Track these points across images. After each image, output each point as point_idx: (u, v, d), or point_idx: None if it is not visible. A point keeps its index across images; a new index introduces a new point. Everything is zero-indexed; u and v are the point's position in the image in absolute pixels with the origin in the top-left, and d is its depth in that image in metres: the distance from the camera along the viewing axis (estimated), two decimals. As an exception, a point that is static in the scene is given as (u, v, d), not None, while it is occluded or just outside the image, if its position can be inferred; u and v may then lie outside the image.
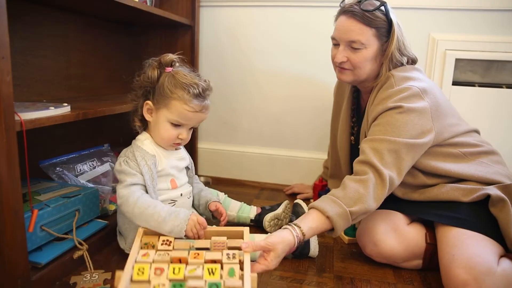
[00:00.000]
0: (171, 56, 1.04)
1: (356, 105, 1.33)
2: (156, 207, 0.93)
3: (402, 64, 1.14)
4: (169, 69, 1.03)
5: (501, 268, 0.90)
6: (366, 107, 1.17)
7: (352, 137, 1.32)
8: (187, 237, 0.92)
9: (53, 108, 0.95)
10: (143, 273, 0.78)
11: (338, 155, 1.39)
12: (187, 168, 1.17)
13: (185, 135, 1.05)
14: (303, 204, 1.30)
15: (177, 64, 1.05)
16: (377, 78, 1.15)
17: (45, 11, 1.29)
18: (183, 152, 1.16)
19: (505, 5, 1.54)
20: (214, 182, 1.87)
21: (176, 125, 1.03)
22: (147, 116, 1.06)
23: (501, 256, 0.95)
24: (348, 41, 1.11)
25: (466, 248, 0.93)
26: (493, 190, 1.04)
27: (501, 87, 1.60)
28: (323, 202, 0.98)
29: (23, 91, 1.23)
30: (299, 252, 1.11)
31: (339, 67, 1.16)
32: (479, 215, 1.03)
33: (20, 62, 1.21)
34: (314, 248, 1.13)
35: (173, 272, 0.77)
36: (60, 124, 0.97)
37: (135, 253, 0.84)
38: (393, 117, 1.03)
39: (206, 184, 1.84)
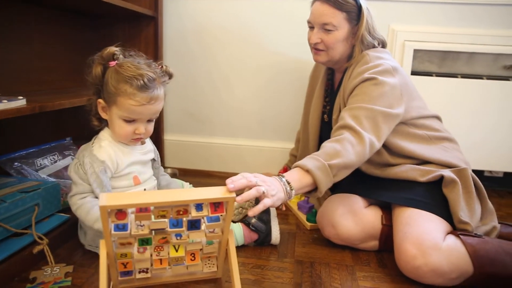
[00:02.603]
0: (110, 49, 0.98)
1: (330, 85, 1.39)
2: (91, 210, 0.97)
3: (374, 46, 1.23)
4: (112, 63, 0.97)
5: (446, 243, 0.96)
6: (340, 84, 1.24)
7: (325, 115, 1.38)
8: None
9: (6, 101, 0.93)
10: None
11: (308, 136, 1.44)
12: (153, 160, 1.16)
13: (142, 129, 1.01)
14: None
15: (120, 56, 0.99)
16: (350, 58, 1.24)
17: (5, 3, 1.25)
18: (148, 145, 1.14)
19: (458, -2, 1.61)
20: (182, 174, 1.87)
21: (129, 121, 0.99)
22: (103, 115, 1.03)
23: (448, 233, 1.01)
24: (322, 24, 1.19)
25: (417, 226, 0.99)
26: (446, 172, 1.10)
27: (457, 77, 1.67)
28: (302, 160, 0.99)
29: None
30: (262, 239, 1.14)
31: (315, 49, 1.25)
32: (432, 196, 1.09)
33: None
34: (275, 236, 1.15)
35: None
36: (19, 117, 0.95)
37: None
38: (368, 88, 1.10)
39: (173, 175, 1.84)
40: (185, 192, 0.80)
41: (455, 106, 1.67)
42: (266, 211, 1.18)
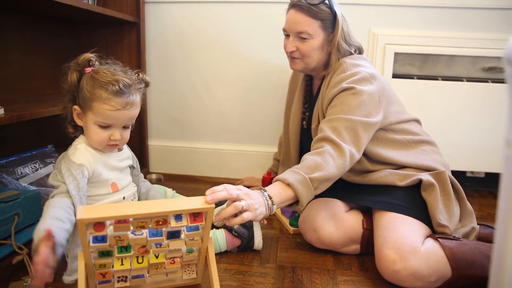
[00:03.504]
0: (86, 55, 0.98)
1: (308, 92, 1.40)
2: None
3: (350, 53, 1.23)
4: (88, 69, 0.98)
5: (424, 247, 0.97)
6: (318, 92, 1.25)
7: (304, 121, 1.38)
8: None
9: (-18, 111, 0.93)
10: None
11: (289, 141, 1.45)
12: (132, 167, 1.16)
13: (117, 135, 1.00)
14: None
15: (96, 62, 1.00)
16: (327, 66, 1.24)
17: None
18: (126, 152, 1.13)
19: (438, 2, 1.65)
20: (166, 179, 1.87)
21: (104, 127, 0.99)
22: (78, 121, 1.02)
23: (427, 236, 1.03)
24: (297, 32, 1.19)
25: (396, 230, 1.00)
26: (425, 176, 1.12)
27: (437, 79, 1.70)
28: (283, 174, 0.99)
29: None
30: (244, 245, 1.14)
31: (291, 57, 1.25)
32: (411, 200, 1.10)
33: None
34: (258, 242, 1.16)
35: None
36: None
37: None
38: (347, 98, 1.10)
39: (158, 181, 1.84)
40: (164, 203, 0.79)
41: (436, 108, 1.69)
42: None
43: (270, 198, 0.91)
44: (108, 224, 0.76)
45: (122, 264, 0.84)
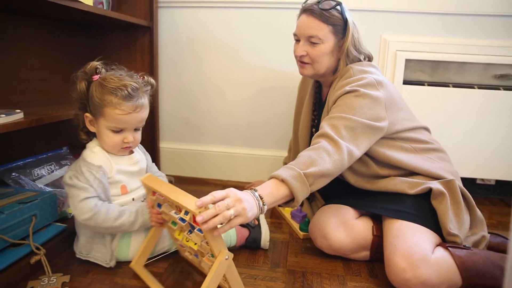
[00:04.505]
0: (93, 64, 1.03)
1: (318, 99, 1.41)
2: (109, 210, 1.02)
3: (359, 60, 1.23)
4: (96, 77, 1.02)
5: (434, 256, 0.98)
6: (326, 98, 1.25)
7: (314, 128, 1.39)
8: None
9: (4, 115, 0.95)
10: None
11: (299, 148, 1.46)
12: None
13: (130, 138, 1.05)
14: None
15: (102, 70, 1.04)
16: (335, 72, 1.24)
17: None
18: (137, 156, 1.16)
19: (450, 9, 1.64)
20: (177, 181, 1.90)
21: (117, 131, 1.03)
22: (91, 128, 1.06)
23: (437, 245, 1.03)
24: (307, 36, 1.20)
25: (407, 238, 1.01)
26: (435, 184, 1.12)
27: (448, 86, 1.70)
28: (278, 170, 0.99)
29: (-25, 96, 1.21)
30: (253, 237, 1.18)
31: (300, 62, 1.26)
32: (421, 208, 1.11)
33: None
34: (264, 239, 1.19)
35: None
36: (15, 128, 0.97)
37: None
38: (349, 99, 1.11)
39: (169, 183, 1.86)
40: (178, 193, 0.88)
41: (446, 115, 1.69)
42: None
43: (261, 198, 0.90)
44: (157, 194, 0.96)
45: (179, 235, 0.98)
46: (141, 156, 1.18)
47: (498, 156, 1.70)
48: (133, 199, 1.12)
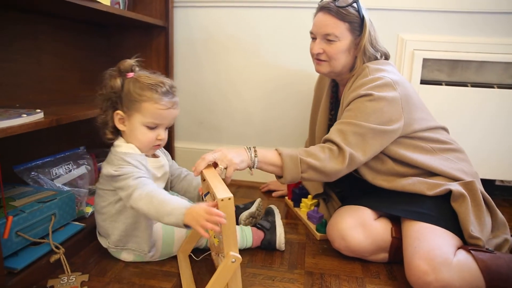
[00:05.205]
0: (129, 62, 1.05)
1: (334, 98, 1.40)
2: (166, 194, 0.95)
3: (376, 58, 1.22)
4: (130, 74, 1.04)
5: (456, 259, 0.96)
6: (342, 97, 1.24)
7: (331, 128, 1.37)
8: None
9: (25, 115, 0.96)
10: None
11: None
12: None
13: (163, 135, 1.07)
14: (275, 209, 1.33)
15: (137, 68, 1.06)
16: (352, 70, 1.23)
17: (13, 15, 1.28)
18: (162, 160, 1.16)
19: (468, 7, 1.62)
20: (192, 181, 1.89)
21: (152, 128, 1.04)
22: (120, 126, 1.06)
23: (459, 248, 1.02)
24: (324, 34, 1.20)
25: (427, 241, 1.00)
26: (455, 186, 1.10)
27: (467, 86, 1.67)
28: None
29: (-6, 96, 1.23)
30: (268, 238, 1.18)
31: (317, 59, 1.26)
32: (441, 210, 1.09)
33: (-10, 67, 1.21)
34: (279, 241, 1.19)
35: None
36: (34, 127, 0.98)
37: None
38: (363, 104, 1.10)
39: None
40: (216, 178, 0.91)
41: (465, 115, 1.67)
42: (271, 213, 1.27)
43: (255, 151, 1.05)
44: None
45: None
46: (165, 160, 1.18)
47: (518, 157, 1.67)
48: None
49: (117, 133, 1.09)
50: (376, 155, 1.13)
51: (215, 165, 1.00)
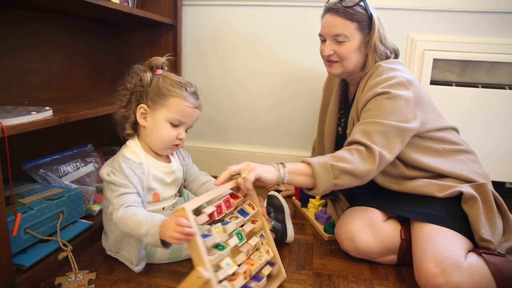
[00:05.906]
0: (161, 59, 1.08)
1: (344, 98, 1.39)
2: (138, 214, 0.92)
3: (387, 56, 1.22)
4: (159, 71, 1.06)
5: (467, 262, 0.95)
6: (354, 97, 1.24)
7: (340, 127, 1.38)
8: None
9: (35, 112, 0.96)
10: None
11: (324, 148, 1.44)
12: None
13: (184, 135, 1.08)
14: (278, 195, 1.30)
15: (166, 67, 1.09)
16: (364, 69, 1.23)
17: (24, 13, 1.28)
18: (174, 165, 1.15)
19: (479, 7, 1.60)
20: (199, 180, 1.89)
21: (175, 125, 1.05)
22: (142, 121, 1.06)
23: (469, 251, 1.00)
24: (333, 35, 1.19)
25: (437, 243, 0.98)
26: (465, 188, 1.08)
27: (477, 87, 1.65)
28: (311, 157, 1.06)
29: (3, 93, 1.23)
30: (279, 238, 1.18)
31: (328, 61, 1.25)
32: (451, 212, 1.07)
33: None
34: (290, 234, 1.21)
35: None
36: (42, 125, 0.98)
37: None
38: (381, 102, 1.09)
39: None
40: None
41: (475, 116, 1.65)
42: (281, 211, 1.24)
43: (282, 164, 0.99)
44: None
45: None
46: (177, 165, 1.17)
47: (529, 159, 1.64)
48: (163, 208, 1.11)
49: (135, 130, 1.09)
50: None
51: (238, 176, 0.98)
